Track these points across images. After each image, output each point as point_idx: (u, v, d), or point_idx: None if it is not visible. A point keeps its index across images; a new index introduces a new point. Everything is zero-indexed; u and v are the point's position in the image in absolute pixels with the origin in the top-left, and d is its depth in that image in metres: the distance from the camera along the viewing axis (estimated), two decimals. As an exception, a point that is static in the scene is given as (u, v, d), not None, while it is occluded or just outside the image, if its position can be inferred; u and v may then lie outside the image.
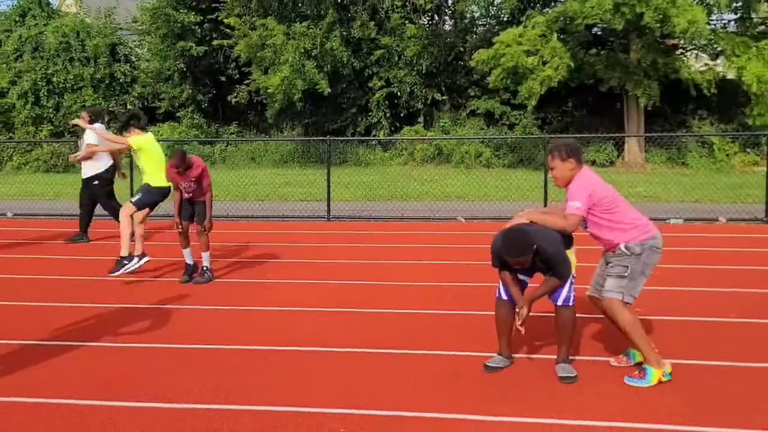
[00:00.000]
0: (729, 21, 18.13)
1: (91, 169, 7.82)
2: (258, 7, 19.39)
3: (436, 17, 21.47)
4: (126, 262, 5.90)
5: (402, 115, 20.22)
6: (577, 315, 3.73)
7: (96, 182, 7.84)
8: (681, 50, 18.03)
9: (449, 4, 21.11)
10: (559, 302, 3.60)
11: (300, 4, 19.75)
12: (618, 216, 3.55)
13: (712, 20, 16.87)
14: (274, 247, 7.72)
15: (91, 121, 7.83)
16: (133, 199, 6.13)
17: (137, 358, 4.00)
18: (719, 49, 16.84)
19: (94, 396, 3.44)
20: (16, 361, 3.95)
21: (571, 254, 3.62)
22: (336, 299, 5.33)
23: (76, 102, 20.84)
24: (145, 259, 6.06)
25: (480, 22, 21.50)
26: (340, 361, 3.95)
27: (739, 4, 17.07)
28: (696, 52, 18.30)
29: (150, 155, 6.21)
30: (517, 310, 3.59)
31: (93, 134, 7.73)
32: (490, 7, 20.36)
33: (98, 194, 7.91)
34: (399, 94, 19.62)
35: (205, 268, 5.98)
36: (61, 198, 11.59)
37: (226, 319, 4.86)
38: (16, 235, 8.19)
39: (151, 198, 6.14)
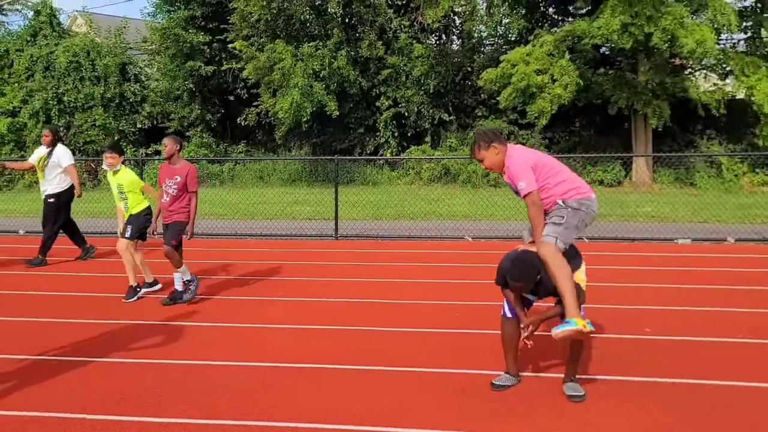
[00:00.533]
0: (738, 41, 18.23)
1: (56, 186, 7.86)
2: (266, 27, 19.69)
3: (443, 37, 21.75)
4: (139, 290, 6.03)
5: (409, 134, 20.40)
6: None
7: (52, 200, 7.87)
8: (690, 70, 18.14)
9: (457, 24, 21.41)
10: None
11: (308, 24, 20.07)
12: (557, 179, 3.66)
13: (721, 40, 16.97)
14: (283, 265, 7.81)
15: (54, 140, 7.91)
16: (126, 235, 6.05)
17: (147, 374, 4.08)
18: (728, 68, 16.93)
19: (105, 411, 3.52)
20: (29, 376, 4.04)
21: (580, 273, 3.68)
22: (343, 317, 5.40)
23: (86, 121, 21.18)
24: (157, 286, 6.22)
25: (487, 42, 21.76)
26: (347, 378, 4.01)
27: (749, 23, 17.19)
28: (705, 72, 18.38)
29: (134, 183, 6.20)
30: (522, 326, 3.65)
31: (66, 154, 7.87)
32: (498, 27, 20.63)
33: (48, 211, 7.89)
34: (407, 114, 19.81)
35: (186, 282, 5.84)
36: (72, 216, 11.73)
37: (234, 336, 4.93)
38: (28, 252, 8.30)
39: (139, 222, 6.10)
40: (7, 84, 22.31)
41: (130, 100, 21.79)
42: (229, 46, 19.85)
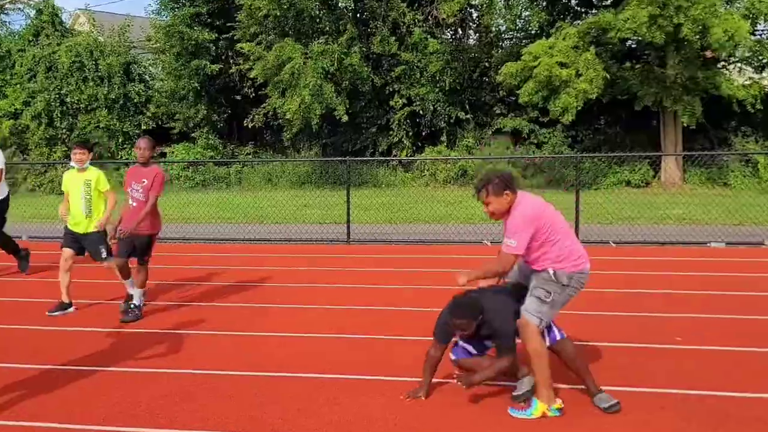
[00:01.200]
0: (776, 31, 18.01)
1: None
2: (275, 24, 19.76)
3: (459, 31, 21.75)
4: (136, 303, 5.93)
5: (424, 134, 20.40)
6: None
7: None
8: (723, 63, 17.94)
9: (473, 18, 21.40)
10: (558, 336, 3.69)
11: (318, 21, 20.17)
12: (555, 247, 3.55)
13: (757, 30, 16.74)
14: (294, 271, 7.88)
15: None
16: (104, 256, 5.98)
17: (158, 383, 4.16)
18: (765, 61, 16.73)
19: (117, 421, 3.61)
20: (38, 386, 4.14)
21: None
22: (356, 325, 5.45)
23: (90, 123, 21.48)
24: (71, 309, 6.11)
25: (506, 36, 21.71)
26: (360, 388, 4.05)
27: (789, 12, 16.96)
28: (739, 65, 18.15)
29: (102, 182, 6.09)
30: (420, 394, 3.83)
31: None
32: (518, 20, 20.58)
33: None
34: (421, 112, 19.81)
35: (133, 306, 5.73)
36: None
37: (243, 345, 5.00)
38: (32, 258, 8.44)
39: (104, 239, 6.00)
40: (9, 85, 22.71)
41: (135, 100, 22.06)
42: (237, 46, 19.99)
